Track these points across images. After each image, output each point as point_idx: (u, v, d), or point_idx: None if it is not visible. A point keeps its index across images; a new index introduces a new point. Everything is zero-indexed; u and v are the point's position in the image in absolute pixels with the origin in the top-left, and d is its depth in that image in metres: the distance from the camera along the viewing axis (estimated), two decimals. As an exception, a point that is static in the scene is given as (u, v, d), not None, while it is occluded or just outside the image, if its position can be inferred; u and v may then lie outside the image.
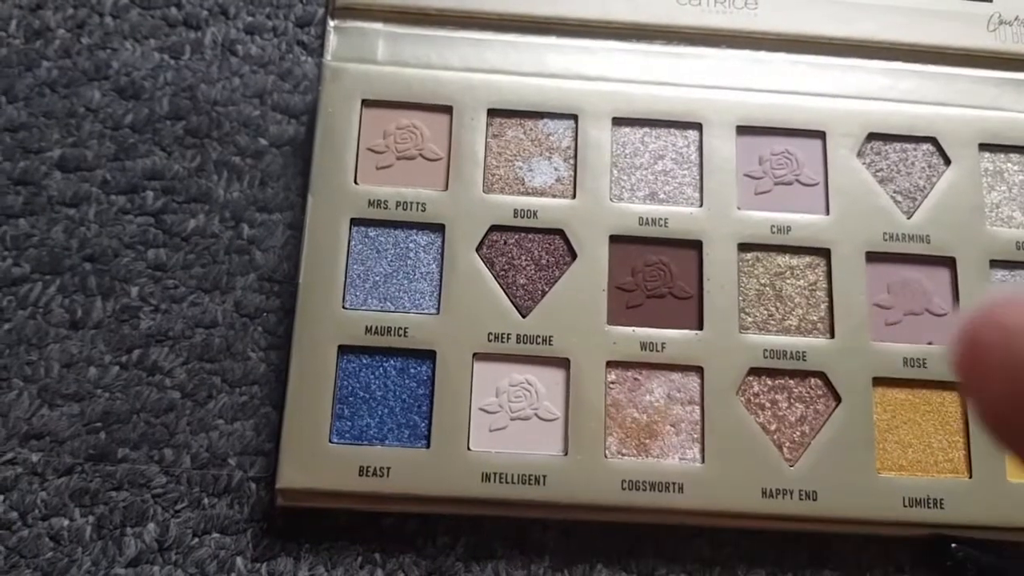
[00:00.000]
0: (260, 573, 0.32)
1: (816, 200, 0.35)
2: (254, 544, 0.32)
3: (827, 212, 0.35)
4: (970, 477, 0.33)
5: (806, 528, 0.33)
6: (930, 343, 0.34)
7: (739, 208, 0.35)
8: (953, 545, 0.32)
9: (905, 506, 0.32)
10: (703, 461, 0.32)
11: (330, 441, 0.31)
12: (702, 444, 0.32)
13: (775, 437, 0.32)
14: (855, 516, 0.32)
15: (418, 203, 0.34)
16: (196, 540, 0.32)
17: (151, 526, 0.32)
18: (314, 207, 0.33)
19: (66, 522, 0.32)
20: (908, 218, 0.35)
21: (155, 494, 0.32)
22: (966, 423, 0.33)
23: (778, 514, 0.32)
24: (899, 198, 0.35)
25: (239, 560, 0.32)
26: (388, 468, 0.31)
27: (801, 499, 0.32)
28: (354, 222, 0.34)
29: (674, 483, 0.32)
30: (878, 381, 0.33)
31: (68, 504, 0.32)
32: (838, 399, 0.33)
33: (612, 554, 0.32)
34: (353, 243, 0.34)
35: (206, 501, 0.32)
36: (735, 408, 0.32)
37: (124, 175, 0.35)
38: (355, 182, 0.34)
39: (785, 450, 0.32)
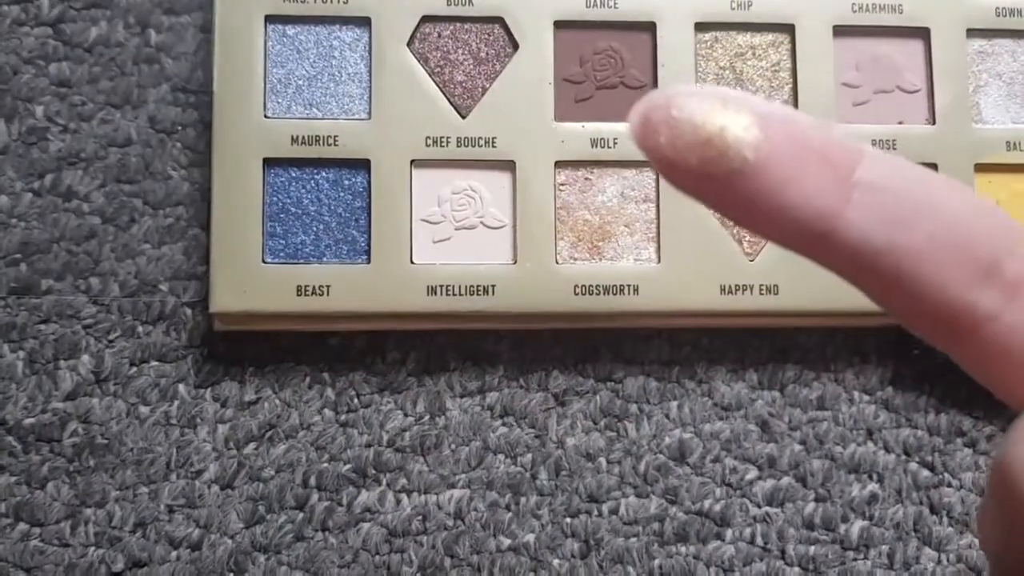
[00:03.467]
0: (205, 399, 0.30)
1: (780, -30, 0.32)
2: (195, 370, 0.31)
3: (792, -17, 0.32)
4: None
5: (768, 323, 0.31)
6: (901, 122, 0.31)
7: (696, -17, 0.31)
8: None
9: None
10: (659, 261, 0.30)
11: (263, 261, 0.30)
12: (658, 243, 0.30)
13: (734, 231, 0.31)
14: (818, 309, 0.31)
15: (339, -5, 0.30)
16: (134, 369, 0.30)
17: (85, 358, 0.30)
18: (222, 4, 0.30)
19: (-4, 359, 0.30)
20: (881, -14, 0.32)
21: (85, 325, 0.30)
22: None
23: (738, 311, 0.30)
24: (872, -37, 0.32)
25: (181, 387, 0.30)
26: (328, 286, 0.30)
27: (762, 294, 0.30)
28: (269, 19, 0.30)
29: (629, 285, 0.30)
30: (844, 167, 0.31)
31: (-4, 340, 0.30)
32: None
33: (568, 360, 0.31)
34: (270, 43, 0.30)
35: (140, 329, 0.31)
36: (692, 203, 0.30)
37: (11, -20, 0.32)
38: (267, -26, 0.30)
39: (745, 244, 0.31)
